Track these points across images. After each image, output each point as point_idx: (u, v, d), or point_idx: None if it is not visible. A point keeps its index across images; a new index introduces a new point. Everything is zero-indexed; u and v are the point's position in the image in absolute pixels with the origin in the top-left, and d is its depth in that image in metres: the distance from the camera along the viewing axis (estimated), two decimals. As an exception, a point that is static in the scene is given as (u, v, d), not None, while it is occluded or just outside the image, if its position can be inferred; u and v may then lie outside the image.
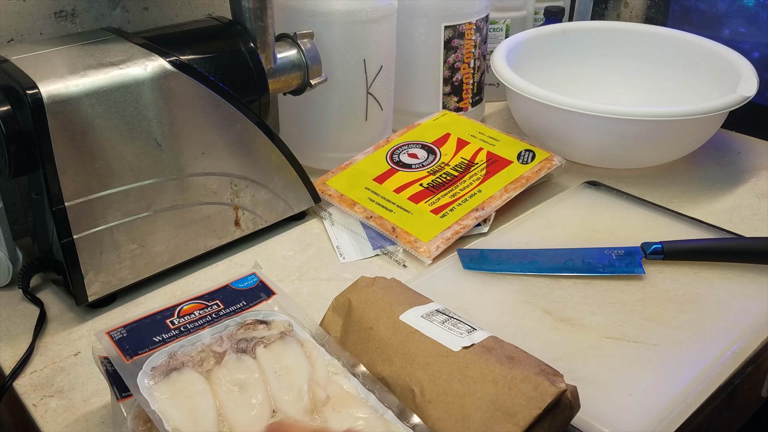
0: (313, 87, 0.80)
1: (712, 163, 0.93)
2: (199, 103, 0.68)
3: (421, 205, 0.80)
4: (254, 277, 0.62)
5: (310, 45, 0.79)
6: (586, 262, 0.70)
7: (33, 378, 0.61)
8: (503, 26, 1.10)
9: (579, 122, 0.84)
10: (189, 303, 0.58)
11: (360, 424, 0.49)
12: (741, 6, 1.10)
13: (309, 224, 0.82)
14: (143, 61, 0.65)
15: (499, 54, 0.95)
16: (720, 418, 0.60)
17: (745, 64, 0.90)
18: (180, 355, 0.53)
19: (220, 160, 0.71)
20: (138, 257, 0.69)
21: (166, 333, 0.55)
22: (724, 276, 0.69)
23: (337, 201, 0.82)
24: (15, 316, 0.68)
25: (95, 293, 0.67)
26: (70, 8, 0.79)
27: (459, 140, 0.90)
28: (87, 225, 0.64)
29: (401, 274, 0.73)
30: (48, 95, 0.60)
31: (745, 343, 0.60)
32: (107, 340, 0.53)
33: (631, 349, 0.60)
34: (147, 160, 0.66)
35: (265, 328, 0.56)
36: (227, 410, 0.49)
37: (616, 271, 0.69)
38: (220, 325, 0.56)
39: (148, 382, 0.50)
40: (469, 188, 0.82)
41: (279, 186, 0.77)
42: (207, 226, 0.73)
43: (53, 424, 0.56)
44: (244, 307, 0.58)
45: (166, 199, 0.69)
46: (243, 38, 0.74)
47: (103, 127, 0.63)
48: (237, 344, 0.54)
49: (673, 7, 1.20)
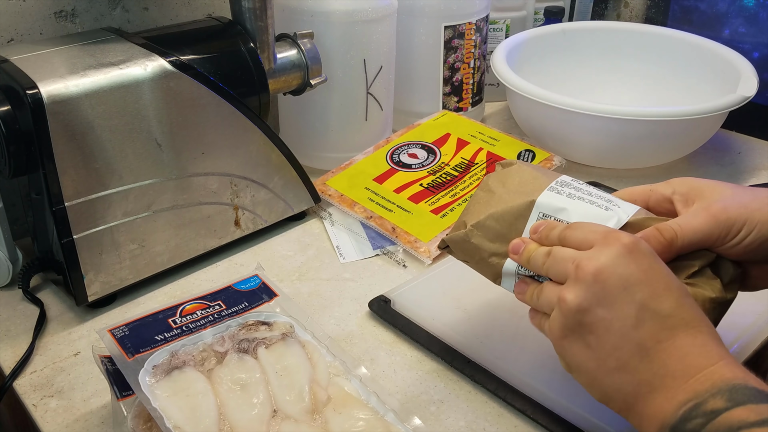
0: (313, 87, 0.80)
1: (712, 163, 0.93)
2: (199, 103, 0.68)
3: (421, 205, 0.80)
4: (257, 278, 0.62)
5: (310, 45, 0.79)
6: None
7: (33, 378, 0.61)
8: (503, 26, 1.10)
9: (579, 122, 0.84)
10: (191, 303, 0.58)
11: (361, 425, 0.49)
12: (741, 6, 1.10)
13: (309, 224, 0.82)
14: (143, 61, 0.65)
15: (499, 54, 0.94)
16: (720, 418, 0.60)
17: (745, 64, 0.90)
18: (181, 354, 0.53)
19: (220, 160, 0.71)
20: (138, 257, 0.69)
21: (168, 332, 0.55)
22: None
23: (337, 201, 0.82)
24: (15, 316, 0.68)
25: (95, 293, 0.67)
26: (70, 8, 0.79)
27: (459, 140, 0.90)
28: (87, 225, 0.64)
29: (401, 274, 0.73)
30: (48, 95, 0.60)
31: (745, 343, 0.60)
32: (109, 337, 0.53)
33: (632, 349, 0.60)
34: (147, 160, 0.66)
35: (266, 329, 0.56)
36: (228, 409, 0.49)
37: None
38: (222, 326, 0.56)
39: (149, 380, 0.50)
40: (470, 188, 0.82)
41: (279, 186, 0.77)
42: (207, 226, 0.73)
43: (53, 424, 0.56)
44: (246, 308, 0.58)
45: (166, 199, 0.69)
46: (243, 38, 0.74)
47: (103, 127, 0.63)
48: (239, 344, 0.54)
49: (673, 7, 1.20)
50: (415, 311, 0.65)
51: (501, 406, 0.57)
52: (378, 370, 0.61)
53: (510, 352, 0.60)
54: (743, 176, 0.89)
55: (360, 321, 0.67)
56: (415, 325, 0.64)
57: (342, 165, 0.87)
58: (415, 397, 0.58)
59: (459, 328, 0.63)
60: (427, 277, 0.71)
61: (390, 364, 0.61)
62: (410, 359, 0.62)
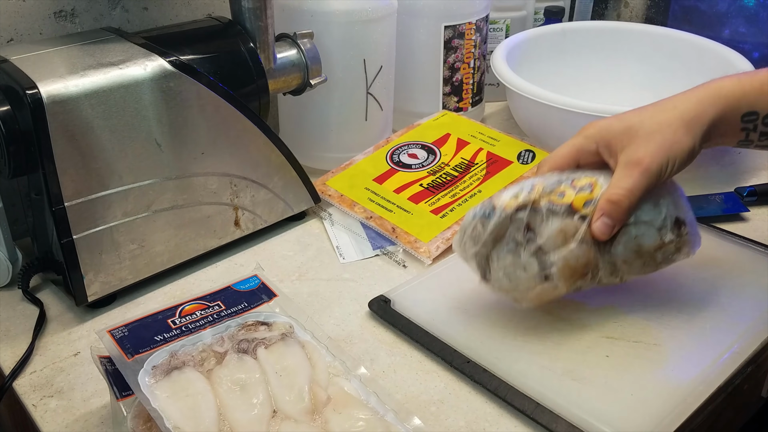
0: (313, 87, 0.80)
1: (712, 163, 0.93)
2: (199, 103, 0.68)
3: (421, 205, 0.80)
4: (256, 279, 0.62)
5: (310, 45, 0.79)
6: (700, 207, 0.80)
7: (33, 378, 0.61)
8: (503, 26, 1.10)
9: (579, 122, 0.83)
10: (190, 303, 0.58)
11: (360, 425, 0.49)
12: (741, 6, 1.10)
13: (309, 224, 0.82)
14: (143, 61, 0.65)
15: (499, 54, 0.94)
16: (720, 418, 0.60)
17: (745, 64, 0.90)
18: (181, 355, 0.53)
19: (220, 160, 0.71)
20: (138, 257, 0.69)
21: (168, 332, 0.55)
22: (724, 276, 0.69)
23: (337, 201, 0.82)
24: (15, 316, 0.68)
25: (95, 293, 0.67)
26: (70, 8, 0.79)
27: (459, 140, 0.90)
28: (87, 225, 0.64)
29: (401, 274, 0.73)
30: (48, 95, 0.59)
31: (745, 343, 0.60)
32: (108, 338, 0.53)
33: (631, 349, 0.60)
34: (147, 160, 0.66)
35: (266, 329, 0.56)
36: (228, 409, 0.49)
37: (726, 211, 0.80)
38: (221, 326, 0.56)
39: (149, 380, 0.50)
40: (470, 188, 0.82)
41: (279, 186, 0.77)
42: (207, 226, 0.73)
43: (53, 424, 0.56)
44: (245, 309, 0.58)
45: (165, 199, 0.69)
46: (243, 38, 0.74)
47: (103, 127, 0.63)
48: (238, 345, 0.54)
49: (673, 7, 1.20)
50: (415, 311, 0.65)
51: (501, 406, 0.57)
52: (378, 370, 0.61)
53: (510, 352, 0.60)
54: (743, 176, 0.89)
55: (360, 321, 0.67)
56: (415, 325, 0.64)
57: (342, 165, 0.87)
58: (415, 397, 0.58)
59: (459, 328, 0.63)
60: (427, 277, 0.71)
61: (390, 364, 0.61)
62: (410, 359, 0.62)
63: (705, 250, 0.73)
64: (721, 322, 0.63)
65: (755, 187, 0.83)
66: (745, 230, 0.77)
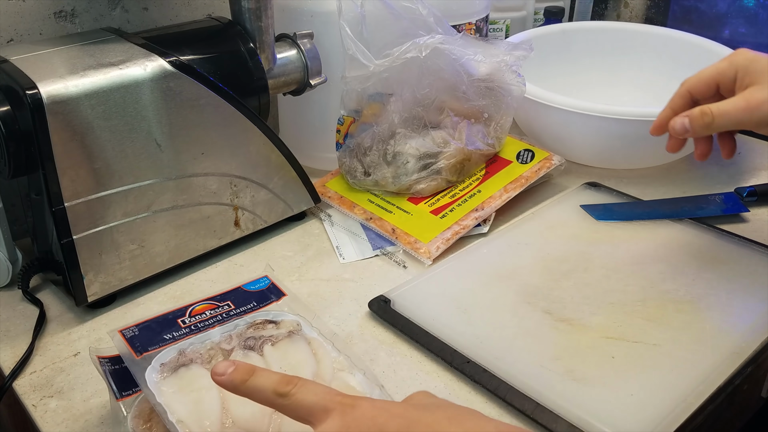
0: (313, 87, 0.80)
1: (712, 163, 0.93)
2: (198, 103, 0.68)
3: (421, 205, 0.80)
4: (266, 279, 0.63)
5: (310, 45, 0.79)
6: (700, 207, 0.80)
7: (32, 378, 0.61)
8: (503, 26, 1.10)
9: (579, 122, 0.84)
10: (201, 303, 0.59)
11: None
12: (741, 6, 1.10)
13: (309, 224, 0.82)
14: (143, 61, 0.65)
15: (499, 54, 0.94)
16: (720, 418, 0.60)
17: (745, 64, 0.90)
18: (189, 352, 0.53)
19: (220, 161, 0.71)
20: (138, 257, 0.69)
21: (177, 331, 0.56)
22: (724, 276, 0.69)
23: (336, 203, 0.82)
24: (14, 316, 0.68)
25: (95, 293, 0.67)
26: (70, 8, 0.79)
27: (459, 140, 0.90)
28: (87, 225, 0.64)
29: (401, 274, 0.73)
30: (48, 95, 0.60)
31: (745, 343, 0.60)
32: (119, 337, 0.54)
33: (631, 349, 0.60)
34: (147, 160, 0.66)
35: (273, 327, 0.57)
36: (231, 404, 0.49)
37: (726, 211, 0.79)
38: (230, 324, 0.57)
39: (156, 377, 0.51)
40: (469, 188, 0.82)
41: (279, 186, 0.77)
42: (207, 227, 0.73)
43: (53, 425, 0.56)
44: (254, 308, 0.59)
45: (165, 199, 0.69)
46: (242, 38, 0.74)
47: (103, 127, 0.63)
48: (245, 342, 0.55)
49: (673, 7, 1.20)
50: (415, 311, 0.65)
51: (501, 406, 0.57)
52: (378, 370, 0.61)
53: (510, 352, 0.60)
54: (743, 176, 0.89)
55: (360, 321, 0.67)
56: (415, 325, 0.64)
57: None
58: (415, 398, 0.58)
59: (459, 328, 0.63)
60: (427, 277, 0.71)
61: (390, 364, 0.61)
62: (410, 359, 0.62)
63: (705, 250, 0.73)
64: (721, 322, 0.63)
65: (755, 187, 0.83)
66: (745, 230, 0.77)
